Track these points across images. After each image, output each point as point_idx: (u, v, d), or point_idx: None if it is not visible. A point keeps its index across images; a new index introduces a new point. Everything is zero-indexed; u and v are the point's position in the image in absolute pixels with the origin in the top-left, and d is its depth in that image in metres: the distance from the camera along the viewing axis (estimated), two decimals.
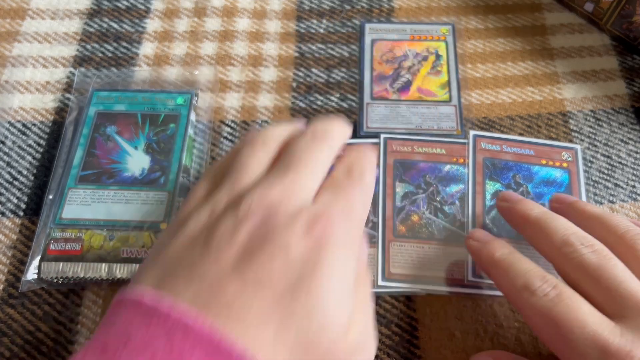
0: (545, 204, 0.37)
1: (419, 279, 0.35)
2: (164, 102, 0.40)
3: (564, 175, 0.38)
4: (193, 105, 0.40)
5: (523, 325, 0.34)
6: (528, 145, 0.39)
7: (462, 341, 0.34)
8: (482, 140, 0.39)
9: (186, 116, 0.39)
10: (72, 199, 0.36)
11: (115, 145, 0.38)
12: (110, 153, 0.38)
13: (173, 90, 0.41)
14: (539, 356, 0.33)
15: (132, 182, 0.37)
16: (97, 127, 0.39)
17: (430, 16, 0.47)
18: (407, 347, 0.33)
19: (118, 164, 0.37)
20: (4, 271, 0.35)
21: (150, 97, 0.40)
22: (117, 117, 0.39)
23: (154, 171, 0.37)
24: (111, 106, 0.39)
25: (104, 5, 0.47)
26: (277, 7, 0.48)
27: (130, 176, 0.37)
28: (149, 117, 0.39)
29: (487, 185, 0.38)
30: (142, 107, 0.39)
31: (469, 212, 0.37)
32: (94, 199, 0.36)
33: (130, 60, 0.44)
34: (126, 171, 0.37)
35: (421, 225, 0.36)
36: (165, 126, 0.39)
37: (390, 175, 0.38)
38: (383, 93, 0.42)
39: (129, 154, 0.38)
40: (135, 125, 0.39)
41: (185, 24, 0.46)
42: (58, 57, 0.44)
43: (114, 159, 0.37)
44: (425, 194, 0.37)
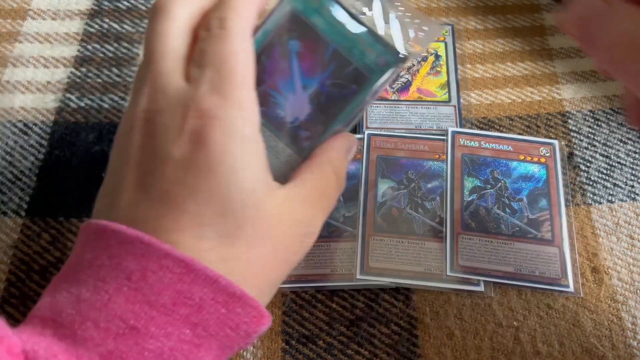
0: (523, 199, 0.37)
1: (397, 273, 0.35)
2: (362, 49, 0.28)
3: (541, 170, 0.38)
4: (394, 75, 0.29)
5: (522, 324, 0.34)
6: (506, 141, 0.40)
7: (462, 340, 0.34)
8: (461, 136, 0.40)
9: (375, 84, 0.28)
10: None
11: (287, 68, 0.28)
12: (278, 74, 0.28)
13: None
14: (537, 355, 0.33)
15: (279, 125, 0.28)
16: (282, 31, 0.28)
17: (429, 17, 0.47)
18: (407, 346, 0.34)
19: (279, 93, 0.28)
20: (5, 271, 0.36)
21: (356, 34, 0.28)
22: (307, 33, 0.28)
23: (304, 128, 0.28)
24: (312, 13, 0.28)
25: (104, 6, 0.47)
26: None
27: (281, 117, 0.28)
28: (339, 59, 0.28)
29: (465, 182, 0.38)
30: (341, 39, 0.28)
31: (447, 208, 0.37)
32: None
33: (131, 60, 0.44)
34: (281, 109, 0.28)
35: (402, 220, 0.37)
36: (347, 83, 0.28)
37: (373, 171, 0.38)
38: (382, 93, 0.42)
39: (294, 90, 0.28)
40: (320, 59, 0.28)
41: None
42: (59, 57, 0.44)
43: (278, 84, 0.28)
44: (407, 190, 0.38)
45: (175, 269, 0.22)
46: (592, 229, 0.37)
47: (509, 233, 0.36)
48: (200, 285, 0.22)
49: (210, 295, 0.22)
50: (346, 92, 0.28)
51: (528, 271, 0.35)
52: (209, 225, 0.23)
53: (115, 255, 0.22)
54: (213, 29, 0.25)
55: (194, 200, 0.23)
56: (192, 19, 0.26)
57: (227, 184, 0.23)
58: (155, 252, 0.22)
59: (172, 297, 0.22)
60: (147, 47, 0.25)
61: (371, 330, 0.34)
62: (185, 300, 0.22)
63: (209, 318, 0.22)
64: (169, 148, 0.23)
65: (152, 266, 0.22)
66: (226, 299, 0.22)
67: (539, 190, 0.38)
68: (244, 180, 0.24)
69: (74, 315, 0.21)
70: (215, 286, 0.22)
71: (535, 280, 0.35)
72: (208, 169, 0.23)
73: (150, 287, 0.22)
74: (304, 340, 0.34)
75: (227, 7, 0.25)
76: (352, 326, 0.34)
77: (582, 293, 0.35)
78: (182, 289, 0.22)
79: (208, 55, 0.24)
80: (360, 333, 0.34)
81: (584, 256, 0.36)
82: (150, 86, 0.24)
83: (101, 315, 0.21)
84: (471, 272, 0.35)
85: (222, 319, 0.22)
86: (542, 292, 0.35)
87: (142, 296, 0.21)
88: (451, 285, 0.35)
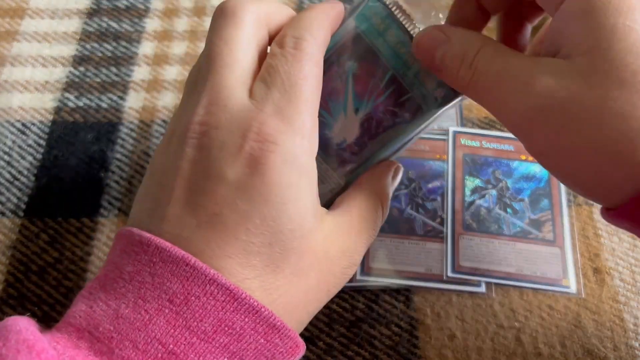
0: (524, 199, 0.37)
1: (398, 273, 0.35)
2: (421, 80, 0.27)
3: (543, 170, 0.38)
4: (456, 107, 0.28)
5: (523, 325, 0.34)
6: (508, 141, 0.39)
7: (463, 341, 0.34)
8: (462, 136, 0.39)
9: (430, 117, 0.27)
10: None
11: (341, 89, 0.27)
12: (331, 94, 0.27)
13: None
14: (539, 356, 0.33)
15: (325, 146, 0.27)
16: (342, 50, 0.27)
17: None
18: (407, 347, 0.33)
19: (329, 114, 0.27)
20: (3, 271, 0.35)
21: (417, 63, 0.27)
22: (367, 56, 0.27)
23: (351, 152, 0.28)
24: (375, 36, 0.27)
25: (103, 5, 0.47)
26: None
27: (328, 137, 0.27)
28: (397, 86, 0.27)
29: (466, 182, 0.38)
30: (402, 67, 0.27)
31: (448, 208, 0.37)
32: None
33: (130, 59, 0.44)
34: (330, 129, 0.27)
35: (402, 220, 0.37)
36: (401, 112, 0.27)
37: None
38: None
39: (345, 111, 0.27)
40: (377, 83, 0.27)
41: (185, 23, 0.46)
42: (57, 56, 0.44)
43: (329, 104, 0.27)
44: (407, 190, 0.38)
45: (219, 296, 0.21)
46: (594, 229, 0.37)
47: (510, 233, 0.36)
48: (242, 315, 0.21)
49: (251, 325, 0.22)
50: (399, 120, 0.27)
51: (529, 272, 0.35)
52: (256, 254, 0.22)
53: (159, 274, 0.21)
54: (287, 48, 0.24)
55: (245, 227, 0.22)
56: (262, 29, 0.25)
57: (278, 214, 0.22)
58: (200, 277, 0.21)
59: (214, 324, 0.21)
60: (210, 52, 0.24)
61: (371, 332, 0.34)
62: (226, 329, 0.21)
63: (247, 348, 0.22)
64: (224, 168, 0.22)
65: (196, 291, 0.21)
66: (266, 329, 0.22)
67: (541, 190, 0.38)
68: (296, 211, 0.23)
69: (112, 332, 0.21)
70: (257, 316, 0.22)
71: (537, 281, 0.35)
72: (262, 196, 0.22)
73: (192, 312, 0.21)
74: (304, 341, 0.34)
75: (304, 27, 0.24)
76: (352, 327, 0.34)
77: (584, 294, 0.35)
78: (224, 317, 0.21)
79: (279, 74, 0.23)
80: (361, 334, 0.34)
81: (585, 257, 0.36)
82: (210, 97, 0.23)
83: (140, 336, 0.21)
84: (472, 272, 0.35)
85: (260, 349, 0.22)
86: (543, 293, 0.35)
87: (184, 321, 0.21)
88: (452, 286, 0.35)
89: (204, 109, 0.23)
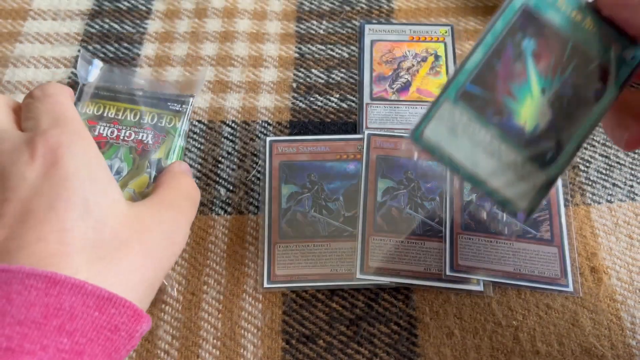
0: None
1: (397, 272, 0.35)
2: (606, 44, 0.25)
3: None
4: None
5: (521, 323, 0.34)
6: None
7: (461, 339, 0.34)
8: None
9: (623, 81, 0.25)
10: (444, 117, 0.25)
11: (522, 71, 0.25)
12: (511, 78, 0.25)
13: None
14: (537, 354, 0.33)
15: (517, 136, 0.25)
16: (514, 29, 0.26)
17: (429, 17, 0.47)
18: (407, 346, 0.34)
19: (514, 100, 0.25)
20: None
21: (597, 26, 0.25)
22: (543, 31, 0.25)
23: (546, 137, 0.25)
24: (546, 8, 0.26)
25: (105, 6, 0.47)
26: (277, 8, 0.48)
27: (519, 127, 0.25)
28: (579, 56, 0.25)
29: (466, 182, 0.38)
30: (581, 34, 0.25)
31: (447, 208, 0.37)
32: (466, 132, 0.25)
33: (132, 61, 0.45)
34: (517, 117, 0.25)
35: (401, 220, 0.37)
36: (591, 82, 0.25)
37: (373, 171, 0.38)
38: (382, 93, 0.42)
39: (531, 94, 0.25)
40: (559, 57, 0.25)
41: (186, 24, 0.47)
42: (60, 57, 0.45)
43: (512, 89, 0.25)
44: (406, 190, 0.38)
45: (39, 285, 0.22)
46: (591, 228, 0.38)
47: (508, 233, 0.36)
48: (68, 295, 0.22)
49: (80, 302, 0.22)
50: (591, 93, 0.25)
51: (527, 271, 0.35)
52: (70, 230, 0.24)
53: None
54: (36, 96, 0.28)
55: (54, 208, 0.24)
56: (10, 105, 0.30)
57: (83, 191, 0.25)
58: (17, 276, 0.22)
59: (42, 311, 0.22)
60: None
61: (371, 330, 0.34)
62: (56, 311, 0.22)
63: (84, 324, 0.22)
64: (22, 174, 0.25)
65: (16, 289, 0.22)
66: (97, 302, 0.23)
67: None
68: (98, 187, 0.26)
69: None
70: (82, 292, 0.23)
71: (535, 280, 0.35)
72: (65, 179, 0.25)
73: (17, 308, 0.22)
74: (304, 339, 0.34)
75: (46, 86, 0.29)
76: (352, 325, 0.34)
77: (581, 293, 0.35)
78: (50, 302, 0.22)
79: (39, 109, 0.28)
80: (360, 332, 0.34)
81: (583, 256, 0.37)
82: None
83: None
84: (471, 271, 0.35)
85: (97, 322, 0.23)
86: (541, 292, 0.35)
87: (11, 318, 0.22)
88: (451, 285, 0.35)
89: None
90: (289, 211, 0.37)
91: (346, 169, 0.39)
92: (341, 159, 0.39)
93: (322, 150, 0.39)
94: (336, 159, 0.39)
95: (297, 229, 0.37)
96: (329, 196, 0.38)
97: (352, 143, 0.40)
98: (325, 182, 0.38)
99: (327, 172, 0.39)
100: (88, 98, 0.41)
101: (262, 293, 0.35)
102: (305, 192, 0.38)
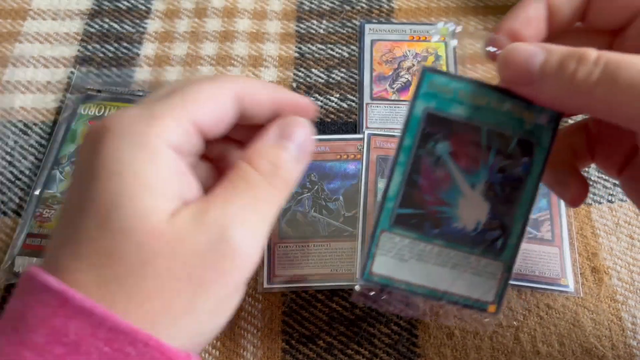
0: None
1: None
2: (518, 117, 0.25)
3: None
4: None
5: (522, 324, 0.34)
6: None
7: (462, 340, 0.34)
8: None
9: (547, 147, 0.25)
10: (386, 249, 0.26)
11: (446, 176, 0.26)
12: (437, 186, 0.26)
13: None
14: (537, 355, 0.33)
15: (462, 239, 0.26)
16: (424, 138, 0.25)
17: (429, 17, 0.47)
18: (407, 346, 0.34)
19: (447, 206, 0.26)
20: None
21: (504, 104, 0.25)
22: (452, 128, 0.25)
23: (491, 228, 0.26)
24: (448, 105, 0.25)
25: (104, 6, 0.47)
26: (277, 8, 0.48)
27: (461, 230, 0.26)
28: (496, 139, 0.25)
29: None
30: (491, 117, 0.25)
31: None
32: (412, 253, 0.26)
33: (131, 60, 0.44)
34: (456, 220, 0.26)
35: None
36: (517, 159, 0.25)
37: (373, 171, 0.38)
38: (383, 93, 0.42)
39: (462, 194, 0.26)
40: (477, 148, 0.25)
41: (186, 24, 0.47)
42: (59, 57, 0.45)
43: (442, 196, 0.26)
44: (310, 193, 0.38)
45: (52, 301, 0.19)
46: (592, 228, 0.37)
47: None
48: (76, 320, 0.18)
49: (88, 331, 0.18)
50: (519, 170, 0.25)
51: (528, 271, 0.35)
52: (86, 240, 0.19)
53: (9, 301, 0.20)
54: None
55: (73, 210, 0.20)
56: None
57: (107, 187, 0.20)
58: (36, 287, 0.19)
59: (47, 334, 0.18)
60: None
61: (371, 330, 0.34)
62: (60, 338, 0.18)
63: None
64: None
65: (30, 301, 0.19)
66: (109, 335, 0.18)
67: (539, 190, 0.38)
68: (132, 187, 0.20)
69: None
70: (92, 319, 0.18)
71: (535, 280, 0.35)
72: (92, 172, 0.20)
73: (26, 325, 0.19)
74: (304, 340, 0.34)
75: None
76: (352, 326, 0.34)
77: (582, 293, 0.35)
78: (57, 325, 0.18)
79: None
80: (361, 333, 0.34)
81: (583, 256, 0.36)
82: None
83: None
84: None
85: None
86: (542, 292, 0.35)
87: (19, 336, 0.19)
88: None
89: None
90: (288, 211, 0.37)
91: (346, 169, 0.39)
92: (341, 159, 0.39)
93: (322, 150, 0.39)
94: (336, 159, 0.39)
95: (297, 229, 0.37)
96: (329, 196, 0.38)
97: (352, 143, 0.40)
98: (325, 182, 0.38)
99: (327, 172, 0.39)
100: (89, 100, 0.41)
101: (262, 293, 0.35)
102: (305, 192, 0.38)
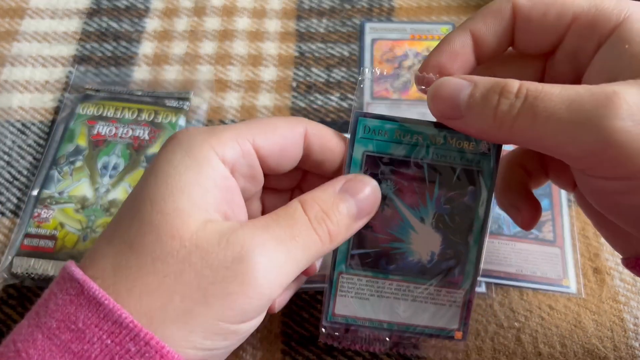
0: None
1: None
2: (458, 149, 0.26)
3: None
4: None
5: (523, 325, 0.34)
6: None
7: None
8: None
9: (491, 173, 0.26)
10: (346, 289, 0.27)
11: (394, 214, 0.26)
12: (387, 224, 0.27)
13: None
14: (539, 356, 0.33)
15: (419, 272, 0.27)
16: None
17: (430, 16, 0.47)
18: (407, 347, 0.33)
19: (399, 242, 0.27)
20: None
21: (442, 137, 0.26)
22: (394, 167, 0.26)
23: (445, 258, 0.27)
24: (387, 146, 0.26)
25: (103, 5, 0.47)
26: (277, 7, 0.48)
27: (416, 263, 0.27)
28: (439, 172, 0.26)
29: None
30: (429, 153, 0.26)
31: None
32: (372, 291, 0.27)
33: (130, 59, 0.44)
34: (411, 255, 0.27)
35: None
36: (462, 189, 0.26)
37: None
38: (383, 92, 0.42)
39: (413, 228, 0.27)
40: (421, 183, 0.26)
41: (185, 23, 0.46)
42: (57, 56, 0.44)
43: (394, 233, 0.27)
44: None
45: (71, 290, 0.20)
46: (593, 229, 0.37)
47: (510, 234, 0.36)
48: (85, 309, 0.19)
49: (94, 321, 0.19)
50: (467, 198, 0.26)
51: (530, 272, 0.35)
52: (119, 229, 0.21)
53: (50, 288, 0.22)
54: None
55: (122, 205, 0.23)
56: None
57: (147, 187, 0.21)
58: (64, 276, 0.21)
59: (60, 319, 0.19)
60: None
61: None
62: (70, 325, 0.19)
63: (90, 349, 0.19)
64: None
65: (55, 289, 0.20)
66: (112, 328, 0.19)
67: (541, 190, 0.38)
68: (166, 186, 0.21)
69: None
70: (99, 310, 0.19)
71: (537, 281, 0.35)
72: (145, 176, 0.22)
73: (45, 310, 0.20)
74: (303, 341, 0.34)
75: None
76: None
77: (584, 294, 0.35)
78: (70, 312, 0.19)
79: None
80: None
81: (585, 257, 0.36)
82: None
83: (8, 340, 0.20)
84: None
85: (107, 353, 0.19)
86: (543, 293, 0.35)
87: (38, 319, 0.20)
88: None
89: None
90: None
91: None
92: None
93: None
94: None
95: None
96: None
97: None
98: None
99: None
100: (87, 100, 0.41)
101: None
102: None
